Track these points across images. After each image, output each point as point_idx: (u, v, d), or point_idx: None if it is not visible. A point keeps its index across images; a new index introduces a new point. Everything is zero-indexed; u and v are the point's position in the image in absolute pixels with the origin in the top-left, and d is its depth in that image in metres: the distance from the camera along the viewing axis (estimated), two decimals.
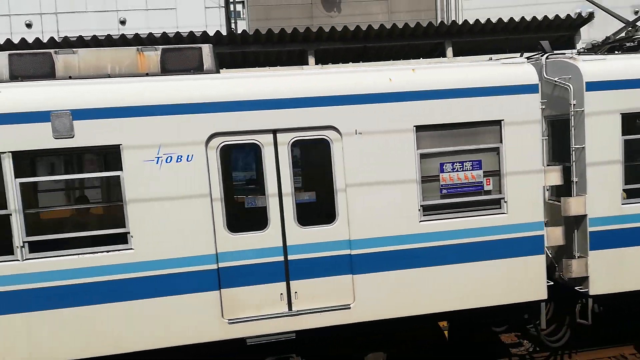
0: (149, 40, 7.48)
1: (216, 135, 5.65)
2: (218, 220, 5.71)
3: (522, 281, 6.27)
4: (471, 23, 9.09)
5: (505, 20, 9.22)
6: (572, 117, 6.39)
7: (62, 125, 5.39)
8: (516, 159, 6.14)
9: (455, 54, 9.23)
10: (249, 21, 17.13)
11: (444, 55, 9.19)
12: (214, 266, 5.71)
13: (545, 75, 6.57)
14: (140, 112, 5.50)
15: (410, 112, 5.92)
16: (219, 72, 6.28)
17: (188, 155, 5.60)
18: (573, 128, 6.41)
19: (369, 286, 5.98)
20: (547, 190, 6.95)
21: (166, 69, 6.08)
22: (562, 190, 6.68)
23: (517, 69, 6.20)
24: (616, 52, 7.85)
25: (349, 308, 5.96)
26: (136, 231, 5.55)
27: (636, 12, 16.79)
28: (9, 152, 5.32)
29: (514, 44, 9.37)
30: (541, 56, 6.95)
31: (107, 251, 5.55)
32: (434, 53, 9.36)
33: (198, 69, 6.16)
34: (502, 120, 6.08)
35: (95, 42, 8.24)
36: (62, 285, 5.47)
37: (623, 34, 8.09)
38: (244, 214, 5.96)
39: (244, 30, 9.68)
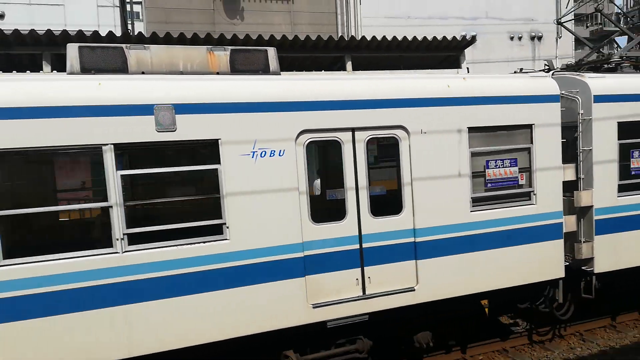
0: (32, 38, 7.08)
1: (304, 132, 6.08)
2: (304, 211, 6.12)
3: (546, 262, 7.33)
4: (369, 39, 9.25)
5: (400, 38, 9.50)
6: (580, 124, 7.60)
7: (165, 118, 5.53)
8: (543, 158, 7.20)
9: (354, 68, 9.45)
10: (146, 23, 16.55)
11: (344, 69, 9.47)
12: (301, 254, 6.10)
13: None
14: (239, 109, 5.79)
15: (463, 115, 6.75)
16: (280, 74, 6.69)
17: (280, 151, 5.96)
18: (581, 133, 7.63)
19: (430, 270, 6.69)
20: None
21: (235, 69, 6.38)
22: None
23: (543, 81, 7.28)
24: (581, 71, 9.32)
25: (414, 290, 6.62)
26: (232, 222, 5.80)
27: (512, 38, 18.63)
28: (110, 144, 5.36)
29: (407, 61, 9.93)
30: (546, 72, 8.14)
31: (204, 242, 5.74)
32: (335, 66, 9.54)
33: (264, 70, 6.53)
34: (533, 124, 7.12)
35: None
36: (160, 276, 5.58)
37: (594, 56, 9.59)
38: (325, 205, 6.41)
39: (139, 33, 9.39)
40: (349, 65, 9.46)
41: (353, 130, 6.31)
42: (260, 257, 5.94)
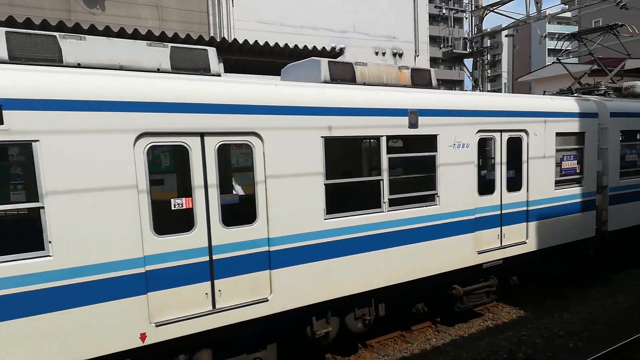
0: None
1: (479, 131, 8.75)
2: (475, 187, 8.79)
3: (586, 225, 10.86)
4: (240, 42, 9.48)
5: (272, 44, 9.83)
6: (600, 130, 11.25)
7: (413, 119, 7.87)
8: (588, 154, 10.69)
9: (226, 71, 9.52)
10: None
11: None
12: (473, 217, 8.77)
13: None
14: (450, 114, 8.28)
15: (553, 124, 9.91)
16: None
17: (467, 144, 8.58)
18: (600, 137, 11.28)
19: (533, 229, 9.77)
20: None
21: (415, 84, 8.80)
22: None
23: (590, 103, 10.79)
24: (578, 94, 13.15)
25: (525, 243, 9.66)
26: (441, 192, 8.30)
27: (376, 53, 19.38)
28: (385, 135, 7.57)
29: (279, 67, 10.07)
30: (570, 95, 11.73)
31: (425, 206, 8.18)
32: None
33: (429, 84, 9.06)
34: (585, 132, 10.56)
35: None
36: (402, 229, 7.90)
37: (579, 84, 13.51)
38: (484, 183, 9.15)
39: None
40: (220, 67, 9.36)
41: (501, 131, 9.12)
42: (455, 218, 8.50)
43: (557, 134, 10.06)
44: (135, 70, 6.03)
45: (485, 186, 9.14)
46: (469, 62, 30.45)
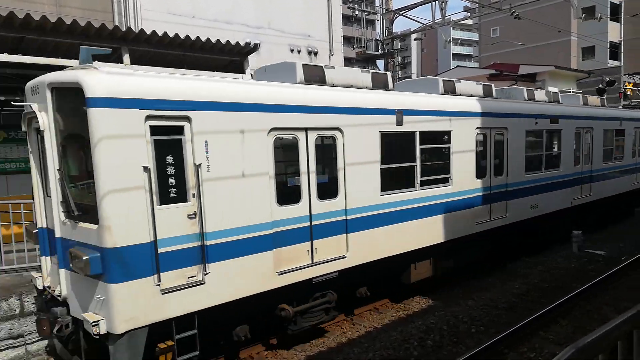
0: None
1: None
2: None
3: None
4: (148, 33, 8.72)
5: (183, 36, 9.18)
6: None
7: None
8: None
9: (133, 62, 8.72)
10: None
11: (121, 61, 8.58)
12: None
13: None
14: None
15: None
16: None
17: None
18: None
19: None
20: None
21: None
22: None
23: None
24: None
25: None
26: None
27: (292, 50, 18.81)
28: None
29: (191, 61, 9.60)
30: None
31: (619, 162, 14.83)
32: (111, 57, 8.02)
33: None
34: None
35: None
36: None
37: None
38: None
39: None
40: (126, 58, 8.62)
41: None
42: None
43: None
44: None
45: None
46: (381, 64, 30.40)
